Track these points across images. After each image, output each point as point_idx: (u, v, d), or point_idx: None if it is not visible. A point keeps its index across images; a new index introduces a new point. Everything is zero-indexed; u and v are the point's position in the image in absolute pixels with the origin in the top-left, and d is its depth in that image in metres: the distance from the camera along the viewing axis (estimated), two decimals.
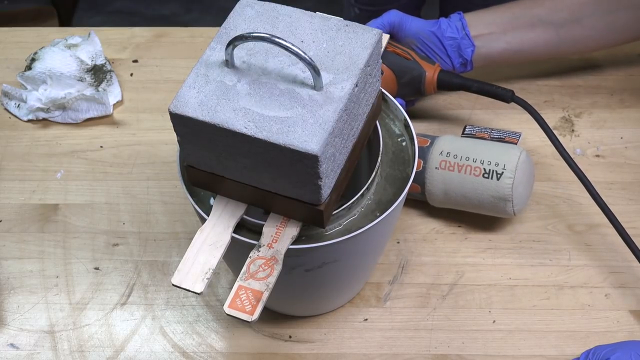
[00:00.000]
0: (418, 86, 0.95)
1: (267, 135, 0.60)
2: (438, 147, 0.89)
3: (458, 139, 0.91)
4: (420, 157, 0.89)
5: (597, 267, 0.90)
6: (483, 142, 0.89)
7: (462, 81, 0.95)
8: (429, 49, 0.97)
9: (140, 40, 1.17)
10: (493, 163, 0.86)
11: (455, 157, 0.87)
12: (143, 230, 0.95)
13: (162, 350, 0.85)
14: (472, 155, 0.87)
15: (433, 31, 0.96)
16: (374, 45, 0.66)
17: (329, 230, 0.71)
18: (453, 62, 0.98)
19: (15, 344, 0.86)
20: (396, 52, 0.95)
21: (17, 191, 0.99)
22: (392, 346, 0.84)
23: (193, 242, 0.67)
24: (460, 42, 0.97)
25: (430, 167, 0.88)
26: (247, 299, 0.63)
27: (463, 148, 0.88)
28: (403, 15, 0.98)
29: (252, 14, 0.68)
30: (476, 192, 0.86)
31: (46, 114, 1.06)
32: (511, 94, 0.92)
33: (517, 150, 0.86)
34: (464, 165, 0.87)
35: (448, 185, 0.88)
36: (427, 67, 0.95)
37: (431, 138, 0.91)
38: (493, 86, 0.93)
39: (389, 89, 0.94)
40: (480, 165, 0.86)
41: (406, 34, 0.97)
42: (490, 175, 0.85)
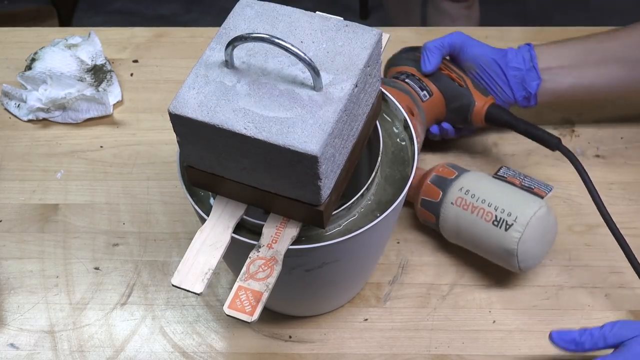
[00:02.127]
0: (465, 115, 0.92)
1: (267, 136, 0.60)
2: (460, 183, 0.85)
3: (485, 178, 0.86)
4: (441, 187, 0.86)
5: (597, 267, 0.89)
6: (508, 188, 0.84)
7: (511, 119, 0.90)
8: (489, 78, 0.93)
9: (140, 40, 1.17)
10: (506, 212, 0.81)
11: (472, 197, 0.83)
12: (143, 230, 0.95)
13: (162, 350, 0.85)
14: (490, 199, 0.82)
15: (496, 59, 0.92)
16: (373, 45, 0.66)
17: (329, 231, 0.71)
18: (515, 95, 0.93)
19: (15, 344, 0.86)
20: (451, 76, 0.93)
21: (17, 191, 0.99)
22: (392, 346, 0.84)
23: (193, 243, 0.67)
24: (526, 74, 0.92)
25: (447, 200, 0.85)
26: (246, 300, 0.63)
27: (484, 189, 0.84)
28: (467, 38, 0.94)
29: (252, 14, 0.68)
30: (484, 238, 0.83)
31: (46, 114, 1.06)
32: (557, 141, 0.87)
33: (537, 204, 0.81)
34: (478, 208, 0.82)
35: (460, 223, 0.84)
36: (478, 98, 0.92)
37: (459, 171, 0.87)
38: (540, 130, 0.88)
39: (437, 112, 0.93)
40: (493, 211, 0.82)
41: (467, 58, 0.93)
42: (500, 224, 0.81)
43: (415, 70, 0.94)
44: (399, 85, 0.91)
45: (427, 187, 0.87)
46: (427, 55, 0.92)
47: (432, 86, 0.92)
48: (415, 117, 0.88)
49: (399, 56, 0.97)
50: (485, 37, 1.14)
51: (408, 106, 0.88)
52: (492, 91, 0.93)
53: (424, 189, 0.87)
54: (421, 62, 0.92)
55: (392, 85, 0.90)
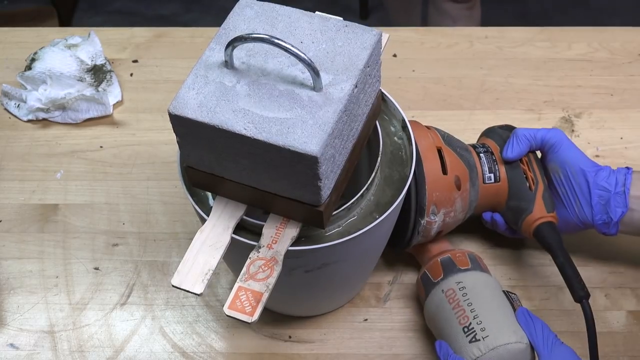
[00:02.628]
0: (517, 219, 0.85)
1: (267, 137, 0.60)
2: (463, 277, 0.80)
3: (490, 287, 0.80)
4: (445, 271, 0.82)
5: (597, 267, 0.90)
6: (504, 308, 0.78)
7: (555, 247, 0.81)
8: (571, 188, 0.83)
9: (140, 40, 1.17)
10: (481, 326, 0.76)
11: (463, 295, 0.79)
12: (143, 230, 0.95)
13: (161, 351, 0.85)
14: (476, 307, 0.77)
15: (585, 171, 0.82)
16: (373, 45, 0.66)
17: (328, 231, 0.71)
18: (594, 217, 0.82)
19: (15, 344, 0.86)
20: (526, 173, 0.85)
21: (17, 191, 0.99)
22: (392, 346, 0.85)
23: (193, 243, 0.67)
24: (613, 197, 0.81)
25: (441, 286, 0.81)
26: (246, 300, 0.63)
27: (479, 296, 0.79)
28: (563, 138, 0.84)
29: (252, 15, 0.68)
30: (449, 338, 0.78)
31: (46, 114, 1.06)
32: (584, 297, 0.78)
33: (515, 337, 0.75)
34: (461, 308, 0.78)
35: (438, 312, 0.80)
36: (538, 209, 0.83)
37: (473, 266, 0.82)
38: (575, 277, 0.79)
39: (495, 201, 0.86)
40: (471, 318, 0.77)
41: (555, 159, 0.85)
42: (469, 333, 0.76)
43: (497, 150, 0.87)
44: (466, 155, 0.84)
45: (434, 264, 0.83)
46: (513, 142, 0.85)
47: (503, 174, 0.85)
48: (462, 192, 0.82)
49: (494, 129, 0.90)
50: (485, 37, 1.15)
51: (458, 177, 0.81)
52: (570, 205, 0.83)
53: (431, 264, 0.83)
54: (505, 146, 0.85)
55: (458, 153, 0.83)
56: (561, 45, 1.14)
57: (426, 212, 0.80)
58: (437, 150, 0.81)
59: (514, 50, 1.14)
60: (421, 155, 0.80)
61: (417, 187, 0.79)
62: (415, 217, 0.80)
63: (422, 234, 0.82)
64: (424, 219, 0.80)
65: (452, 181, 0.81)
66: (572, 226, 0.84)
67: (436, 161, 0.80)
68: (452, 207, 0.81)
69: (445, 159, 0.81)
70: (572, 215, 0.83)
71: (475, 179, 0.84)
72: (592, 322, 0.76)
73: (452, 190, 0.81)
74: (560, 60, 1.12)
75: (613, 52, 1.13)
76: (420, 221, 0.80)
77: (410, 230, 0.81)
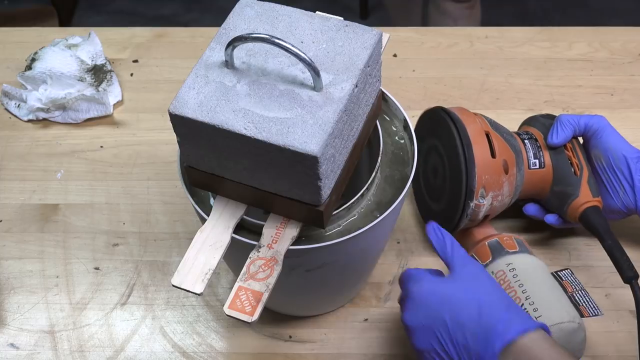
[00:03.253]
0: (563, 204, 0.85)
1: (267, 136, 0.60)
2: (513, 259, 0.81)
3: (540, 269, 0.81)
4: (494, 254, 0.83)
5: (597, 267, 0.89)
6: (555, 289, 0.79)
7: (603, 230, 0.82)
8: (614, 174, 0.84)
9: (140, 40, 1.17)
10: (534, 306, 0.76)
11: (514, 277, 0.79)
12: (143, 230, 0.95)
13: (162, 350, 0.85)
14: (528, 288, 0.78)
15: (627, 157, 0.84)
16: (373, 45, 0.66)
17: (328, 231, 0.71)
18: (637, 201, 0.83)
19: (15, 344, 0.86)
20: (570, 159, 0.86)
21: (17, 191, 0.99)
22: (392, 346, 0.84)
23: (193, 243, 0.67)
24: None
25: (491, 268, 0.82)
26: (247, 300, 0.63)
27: (531, 278, 0.79)
28: (606, 125, 0.86)
29: (252, 14, 0.68)
30: None
31: (46, 114, 1.06)
32: (633, 276, 0.78)
33: (567, 317, 0.75)
34: (512, 289, 0.78)
35: None
36: (584, 194, 0.84)
37: (521, 249, 0.83)
38: (624, 257, 0.79)
39: (540, 187, 0.86)
40: (523, 299, 0.77)
41: (598, 145, 0.86)
42: None
43: (541, 137, 0.88)
44: (512, 141, 0.85)
45: (481, 247, 0.84)
46: (557, 128, 0.86)
47: (548, 160, 0.86)
48: (509, 177, 0.83)
49: (535, 117, 0.91)
50: (485, 37, 1.15)
51: (506, 161, 0.83)
52: (614, 190, 0.85)
53: (479, 247, 0.84)
54: (550, 132, 0.86)
55: (505, 138, 0.84)
56: (561, 45, 1.14)
57: (475, 194, 0.81)
58: (485, 134, 0.83)
59: (514, 50, 1.14)
60: (470, 139, 0.81)
61: (467, 170, 0.81)
62: (464, 199, 0.81)
63: (470, 217, 0.83)
64: (473, 201, 0.81)
65: (500, 165, 0.82)
66: (615, 212, 0.86)
67: (485, 145, 0.82)
68: (500, 190, 0.82)
69: (494, 143, 0.82)
70: (617, 200, 0.85)
71: (522, 164, 0.85)
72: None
73: (501, 173, 0.82)
74: (560, 60, 1.12)
75: (613, 52, 1.13)
76: (470, 204, 0.81)
77: (460, 212, 0.82)
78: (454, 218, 0.83)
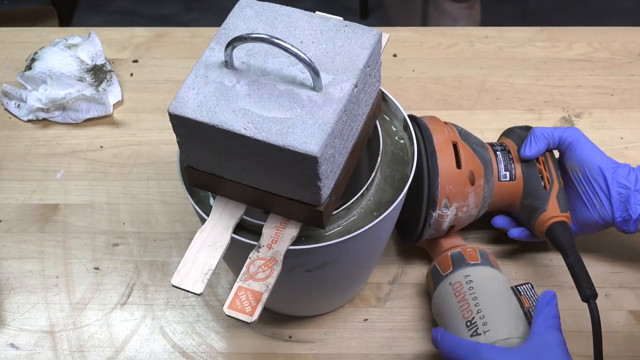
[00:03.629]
0: (530, 218, 0.85)
1: (267, 137, 0.60)
2: (471, 271, 0.81)
3: (497, 282, 0.81)
4: (454, 265, 0.82)
5: (597, 267, 0.89)
6: (510, 303, 0.78)
7: (566, 246, 0.81)
8: (590, 186, 0.83)
9: (140, 40, 1.17)
10: (484, 320, 0.76)
11: (470, 289, 0.79)
12: (143, 230, 0.95)
13: (162, 351, 0.85)
14: (481, 301, 0.78)
15: (602, 168, 0.82)
16: (373, 45, 0.66)
17: (328, 231, 0.71)
18: (614, 213, 0.82)
19: (15, 344, 0.86)
20: (541, 172, 0.85)
21: (17, 191, 0.99)
22: (392, 346, 0.85)
23: (193, 243, 0.67)
24: (633, 195, 0.81)
25: (449, 279, 0.81)
26: (246, 300, 0.63)
27: (486, 290, 0.79)
28: (581, 136, 0.85)
29: (252, 14, 0.68)
30: (452, 330, 0.78)
31: (46, 114, 1.06)
32: (591, 296, 0.77)
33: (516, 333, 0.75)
34: (466, 302, 0.78)
35: (444, 305, 0.81)
36: (552, 208, 0.83)
37: (483, 262, 0.82)
38: (584, 275, 0.78)
39: (510, 200, 0.86)
40: (475, 312, 0.77)
41: (573, 158, 0.85)
42: (471, 326, 0.76)
43: (515, 149, 0.87)
44: (482, 152, 0.85)
45: (444, 257, 0.84)
46: (531, 140, 0.85)
47: (519, 172, 0.85)
48: (475, 188, 0.82)
49: (513, 129, 0.90)
50: (485, 37, 1.15)
51: (472, 172, 0.82)
52: (591, 203, 0.83)
53: (441, 257, 0.84)
54: (523, 144, 0.86)
55: (474, 148, 0.84)
56: (561, 45, 1.14)
57: (438, 204, 0.80)
58: (452, 144, 0.82)
59: (514, 50, 1.14)
60: (436, 148, 0.80)
61: (429, 179, 0.80)
62: (427, 209, 0.81)
63: (433, 227, 0.82)
64: (436, 211, 0.80)
65: (465, 176, 0.81)
66: (592, 225, 0.85)
67: (451, 155, 0.81)
68: (464, 201, 0.82)
69: (460, 154, 0.82)
70: (593, 213, 0.84)
71: (490, 175, 0.84)
72: (598, 322, 0.76)
73: (466, 184, 0.81)
74: (560, 60, 1.12)
75: (613, 52, 1.13)
76: (432, 214, 0.81)
77: (422, 222, 0.82)
78: (417, 227, 0.83)
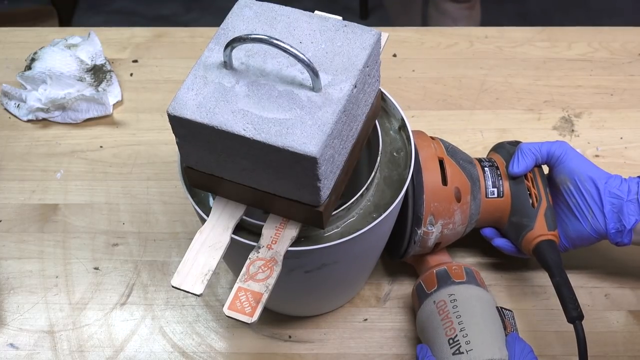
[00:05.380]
0: (518, 236, 0.84)
1: (266, 137, 0.60)
2: (456, 290, 0.80)
3: (483, 302, 0.79)
4: (439, 283, 0.81)
5: (597, 267, 0.89)
6: (493, 325, 0.77)
7: (552, 265, 0.80)
8: (581, 197, 0.81)
9: (140, 40, 1.17)
10: (466, 339, 0.75)
11: (454, 308, 0.78)
12: (143, 230, 0.95)
13: (161, 350, 0.85)
14: (465, 320, 0.77)
15: (593, 178, 0.81)
16: (372, 45, 0.66)
17: (328, 232, 0.71)
18: (607, 224, 0.80)
19: (15, 344, 0.86)
20: (530, 190, 0.84)
21: (17, 191, 0.99)
22: (392, 346, 0.85)
23: (192, 244, 0.67)
24: (625, 205, 0.80)
25: (433, 297, 0.80)
26: (246, 301, 0.63)
27: (470, 310, 0.78)
28: (568, 149, 0.84)
29: (251, 15, 0.68)
30: (434, 349, 0.77)
31: (46, 114, 1.06)
32: (577, 318, 0.76)
33: (498, 355, 0.74)
34: (449, 320, 0.77)
35: (428, 323, 0.79)
36: (539, 226, 0.82)
37: (469, 281, 0.81)
38: (570, 296, 0.78)
39: (497, 216, 0.85)
40: (458, 331, 0.76)
41: (562, 171, 0.83)
42: (453, 345, 0.75)
43: (503, 165, 0.86)
44: (469, 168, 0.84)
45: (429, 275, 0.83)
46: (519, 157, 0.84)
47: (507, 189, 0.84)
48: (462, 205, 0.81)
49: (503, 144, 0.89)
50: (485, 37, 1.15)
51: (458, 189, 0.81)
52: (583, 216, 0.82)
53: (426, 275, 0.83)
54: (511, 161, 0.85)
55: (461, 165, 0.83)
56: (561, 45, 1.14)
57: (423, 222, 0.79)
58: (438, 160, 0.81)
59: (514, 50, 1.14)
60: (421, 164, 0.79)
61: (414, 196, 0.79)
62: (412, 226, 0.80)
63: (419, 244, 0.81)
64: (421, 228, 0.79)
65: (451, 193, 0.80)
66: (585, 238, 0.83)
67: (437, 171, 0.80)
68: (450, 218, 0.81)
69: (447, 170, 0.80)
70: (585, 225, 0.82)
71: (478, 192, 0.83)
72: (584, 344, 0.75)
73: (452, 201, 0.80)
74: (560, 60, 1.12)
75: (613, 52, 1.13)
76: (417, 231, 0.80)
77: (407, 239, 0.81)
78: (402, 244, 0.82)
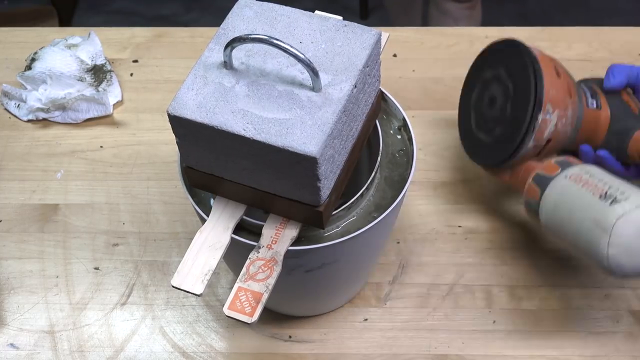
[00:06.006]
0: (623, 141, 0.83)
1: (266, 137, 0.60)
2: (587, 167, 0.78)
3: None
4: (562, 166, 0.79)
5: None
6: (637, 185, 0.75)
7: None
8: None
9: (140, 40, 1.17)
10: (621, 190, 0.72)
11: (592, 177, 0.76)
12: (143, 230, 0.95)
13: (162, 350, 0.85)
14: (610, 180, 0.74)
15: None
16: (372, 45, 0.66)
17: (328, 232, 0.71)
18: None
19: (15, 344, 0.86)
20: (629, 103, 0.85)
21: (17, 191, 0.99)
22: (392, 346, 0.85)
23: (193, 243, 0.67)
24: None
25: (563, 174, 0.78)
26: (246, 301, 0.63)
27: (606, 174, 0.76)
28: None
29: (251, 15, 0.68)
30: (582, 211, 0.74)
31: (46, 114, 1.06)
32: None
33: None
34: (593, 184, 0.75)
35: (564, 195, 0.77)
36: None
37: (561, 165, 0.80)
38: None
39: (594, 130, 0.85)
40: (607, 188, 0.73)
41: None
42: (607, 198, 0.72)
43: (596, 85, 0.87)
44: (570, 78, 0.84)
45: (548, 165, 0.81)
46: (612, 73, 0.86)
47: (604, 103, 0.85)
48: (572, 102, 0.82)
49: (586, 79, 0.91)
50: (485, 37, 1.15)
51: (569, 85, 0.82)
52: None
53: (545, 165, 0.81)
54: (605, 77, 0.86)
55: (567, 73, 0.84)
56: (561, 45, 1.14)
57: (543, 107, 0.79)
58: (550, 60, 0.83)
59: None
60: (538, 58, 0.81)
61: (535, 82, 0.79)
62: (533, 111, 0.79)
63: (534, 138, 0.80)
64: (541, 114, 0.79)
65: (565, 84, 0.81)
66: None
67: (551, 66, 0.81)
68: (565, 111, 0.81)
69: (559, 70, 0.82)
70: None
71: (582, 98, 0.84)
72: None
73: (566, 92, 0.81)
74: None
75: (613, 52, 1.13)
76: (538, 116, 0.79)
77: (526, 126, 0.79)
78: (516, 137, 0.80)
